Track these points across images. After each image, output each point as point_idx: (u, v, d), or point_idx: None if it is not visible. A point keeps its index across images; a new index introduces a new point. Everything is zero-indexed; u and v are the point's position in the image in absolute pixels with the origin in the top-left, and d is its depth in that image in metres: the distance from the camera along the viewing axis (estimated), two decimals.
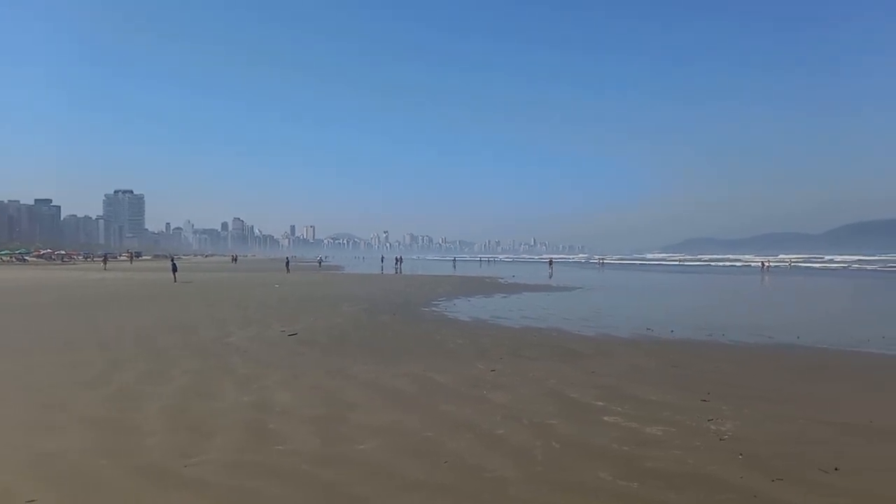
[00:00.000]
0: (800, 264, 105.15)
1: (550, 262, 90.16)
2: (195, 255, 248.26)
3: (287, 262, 76.91)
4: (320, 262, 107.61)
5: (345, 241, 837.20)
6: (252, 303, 27.32)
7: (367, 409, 9.18)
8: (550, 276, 56.52)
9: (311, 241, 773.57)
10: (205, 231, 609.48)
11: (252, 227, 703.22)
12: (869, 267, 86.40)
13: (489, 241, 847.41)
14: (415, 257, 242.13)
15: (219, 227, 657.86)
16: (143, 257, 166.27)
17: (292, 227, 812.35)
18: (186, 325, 18.92)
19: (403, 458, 7.00)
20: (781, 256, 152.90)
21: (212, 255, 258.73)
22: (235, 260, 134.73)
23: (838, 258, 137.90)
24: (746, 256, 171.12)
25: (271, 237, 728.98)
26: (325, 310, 24.02)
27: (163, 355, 13.60)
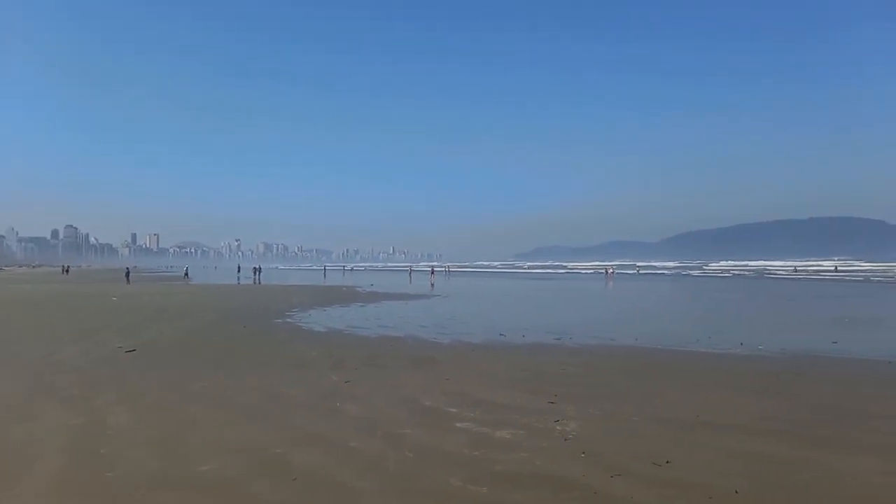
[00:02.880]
0: (646, 272, 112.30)
1: (433, 272, 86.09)
2: (20, 266, 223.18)
3: (127, 273, 71.42)
4: (186, 273, 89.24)
5: (193, 250, 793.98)
6: (85, 316, 25.02)
7: (212, 426, 8.65)
8: (433, 286, 55.82)
9: (156, 249, 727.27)
10: (31, 239, 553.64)
11: (87, 234, 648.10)
12: (694, 273, 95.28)
13: (347, 250, 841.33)
14: (274, 266, 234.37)
15: (48, 235, 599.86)
16: None
17: (133, 235, 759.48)
18: (5, 341, 16.92)
19: (250, 477, 6.64)
20: (618, 262, 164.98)
21: (39, 266, 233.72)
22: (67, 271, 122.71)
23: (671, 264, 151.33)
24: (593, 263, 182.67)
25: (109, 246, 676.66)
26: (169, 323, 22.51)
27: None
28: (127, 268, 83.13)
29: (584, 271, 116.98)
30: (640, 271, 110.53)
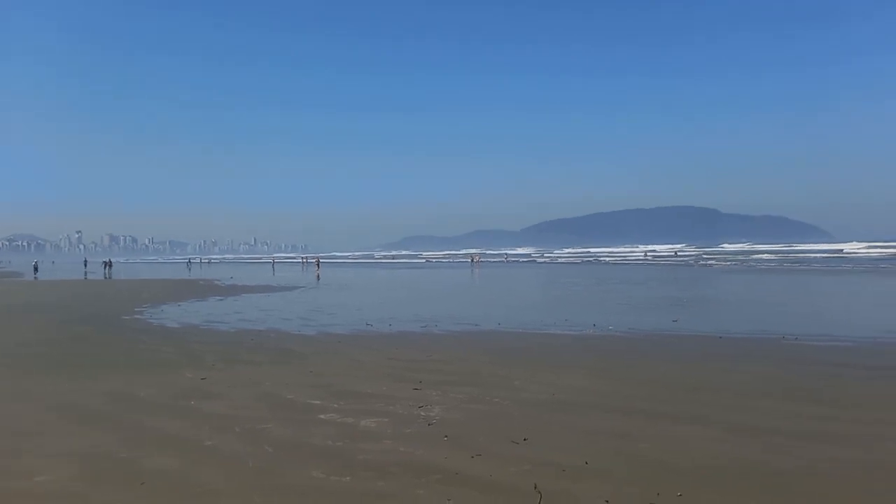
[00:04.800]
0: (514, 259, 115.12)
1: (318, 263, 78.86)
2: None
3: None
4: (36, 268, 70.23)
5: (25, 244, 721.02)
6: None
7: (55, 434, 7.93)
8: (318, 279, 53.16)
9: None
10: None
11: None
12: (571, 260, 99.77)
13: (205, 242, 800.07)
14: (123, 260, 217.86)
15: None
16: None
17: None
18: None
19: (91, 486, 6.15)
20: (477, 250, 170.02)
21: None
22: None
23: (531, 251, 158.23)
24: (463, 251, 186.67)
25: None
26: (5, 323, 20.36)
27: None
28: None
29: (450, 260, 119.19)
30: (508, 259, 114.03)
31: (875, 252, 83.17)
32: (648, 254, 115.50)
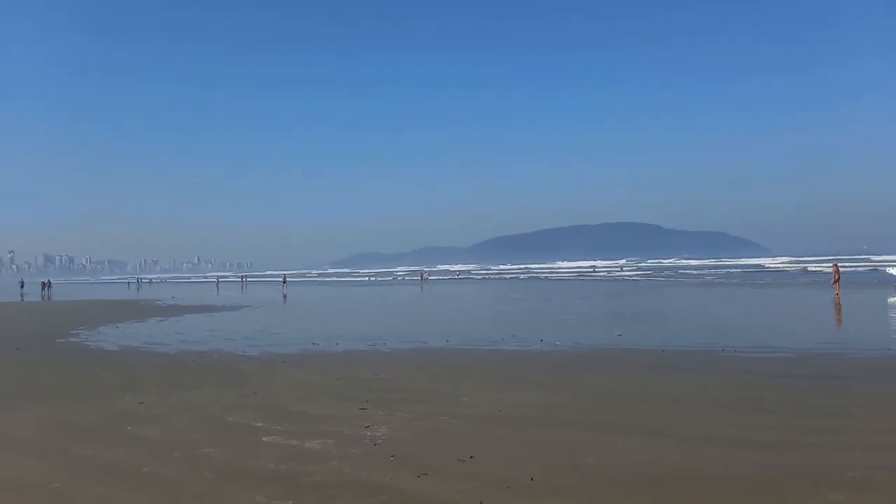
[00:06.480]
0: (464, 276, 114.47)
1: (284, 280, 74.67)
2: None
3: None
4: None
5: None
6: None
7: None
8: (286, 298, 51.23)
9: None
10: None
11: None
12: (518, 276, 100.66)
13: (146, 261, 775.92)
14: (64, 280, 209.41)
15: None
16: None
17: None
18: None
19: None
20: (442, 267, 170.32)
21: None
22: None
23: (482, 268, 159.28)
24: (412, 268, 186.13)
25: None
26: None
27: None
28: None
29: (396, 278, 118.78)
30: (460, 276, 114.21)
31: (791, 267, 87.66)
32: (595, 269, 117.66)
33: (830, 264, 42.32)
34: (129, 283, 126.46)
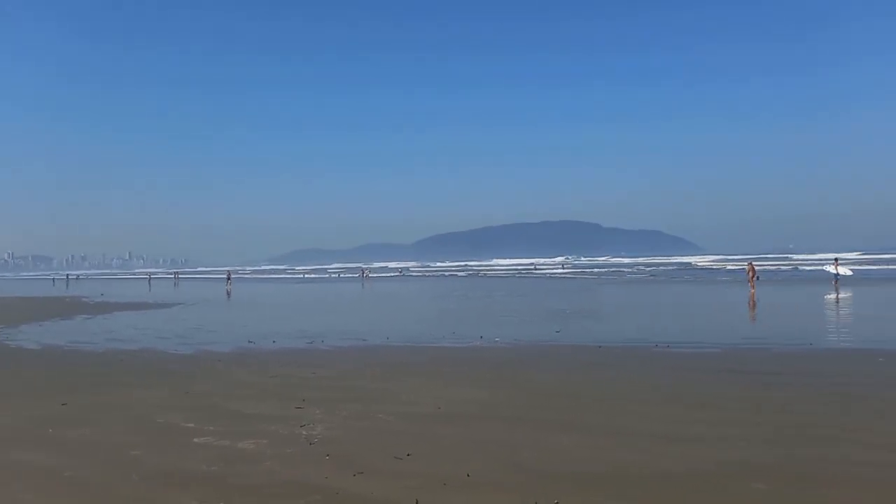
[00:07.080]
0: (410, 274, 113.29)
1: (229, 276, 69.98)
2: None
3: None
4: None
5: None
6: None
7: None
8: (229, 295, 49.79)
9: None
10: None
11: None
12: (460, 273, 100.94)
13: (73, 256, 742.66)
14: None
15: None
16: None
17: None
18: None
19: None
20: (381, 264, 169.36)
21: None
22: None
23: (422, 265, 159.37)
24: (349, 265, 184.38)
25: None
26: None
27: None
28: None
29: (336, 273, 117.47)
30: (401, 273, 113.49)
31: (717, 265, 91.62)
32: (535, 266, 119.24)
33: (747, 263, 44.38)
34: (54, 279, 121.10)
